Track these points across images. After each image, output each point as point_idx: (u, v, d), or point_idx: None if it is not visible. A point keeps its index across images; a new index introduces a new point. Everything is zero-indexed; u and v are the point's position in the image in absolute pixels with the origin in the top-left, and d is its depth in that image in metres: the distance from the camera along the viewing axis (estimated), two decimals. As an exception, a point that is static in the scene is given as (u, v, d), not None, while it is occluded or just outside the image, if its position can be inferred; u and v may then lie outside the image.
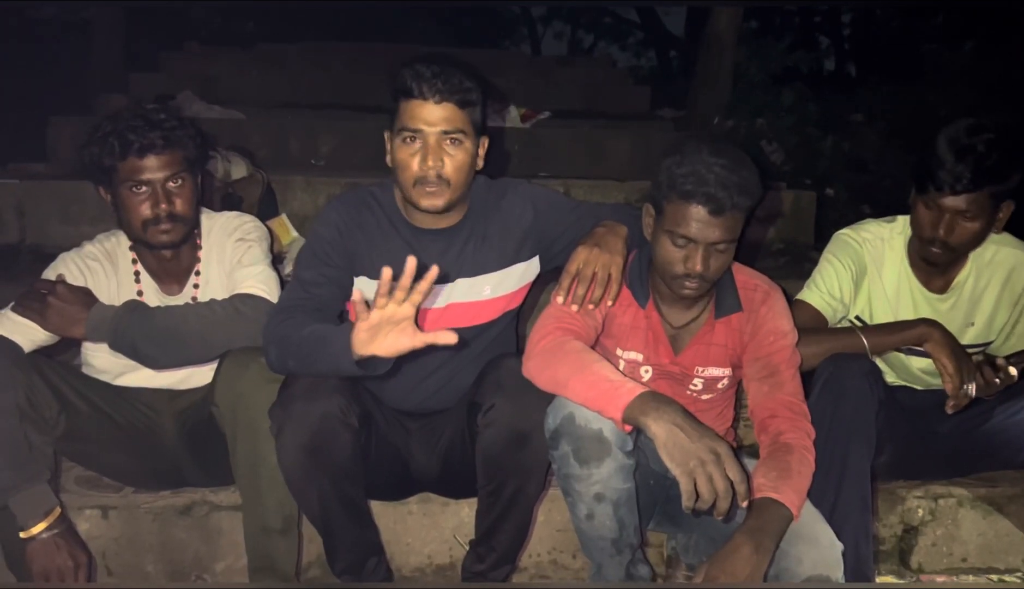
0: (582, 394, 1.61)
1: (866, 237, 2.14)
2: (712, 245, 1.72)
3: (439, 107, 1.77)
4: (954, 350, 1.91)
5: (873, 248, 2.13)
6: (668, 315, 1.90)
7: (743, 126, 5.16)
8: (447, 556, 2.15)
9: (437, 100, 1.76)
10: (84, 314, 1.87)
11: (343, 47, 6.76)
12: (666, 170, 1.73)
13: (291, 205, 3.49)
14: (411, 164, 1.79)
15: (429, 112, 1.77)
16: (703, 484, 1.47)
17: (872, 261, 2.12)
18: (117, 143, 1.87)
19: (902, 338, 1.99)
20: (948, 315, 2.10)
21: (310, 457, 1.70)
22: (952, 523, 2.24)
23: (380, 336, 1.57)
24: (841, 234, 2.17)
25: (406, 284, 1.53)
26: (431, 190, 1.79)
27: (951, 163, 1.89)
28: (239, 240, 2.05)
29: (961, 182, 1.89)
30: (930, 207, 1.96)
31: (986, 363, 1.93)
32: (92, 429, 1.96)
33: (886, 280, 2.12)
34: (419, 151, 1.78)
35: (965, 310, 2.13)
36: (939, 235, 1.96)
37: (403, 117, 1.79)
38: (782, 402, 1.81)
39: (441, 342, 1.56)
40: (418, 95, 1.76)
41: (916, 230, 2.03)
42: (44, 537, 1.81)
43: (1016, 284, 2.11)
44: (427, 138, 1.78)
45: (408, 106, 1.78)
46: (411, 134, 1.78)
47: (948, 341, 1.93)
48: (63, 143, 4.16)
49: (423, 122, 1.77)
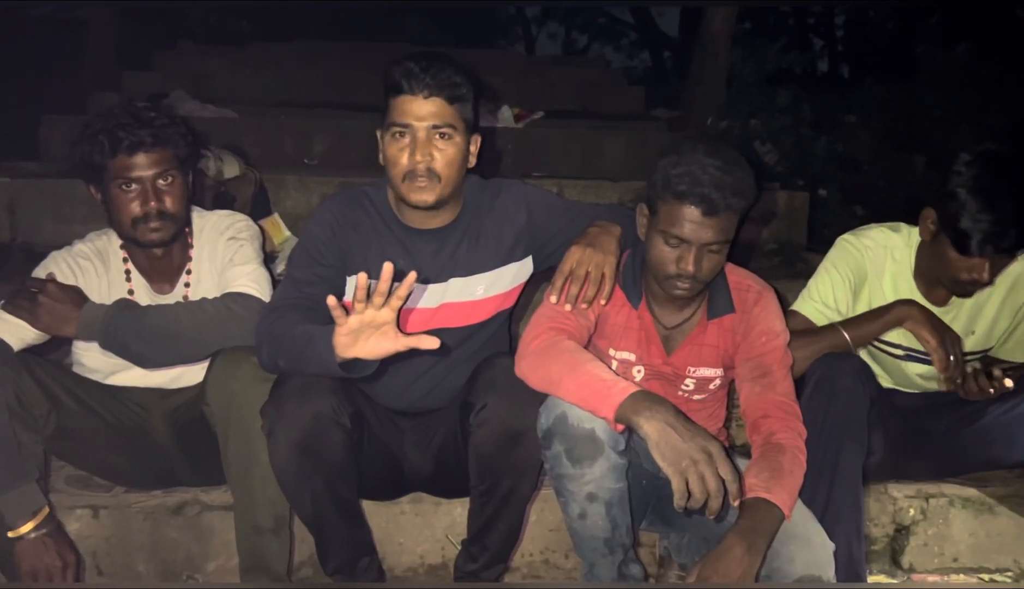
0: (575, 393, 1.61)
1: (868, 245, 2.11)
2: (705, 246, 1.72)
3: (428, 102, 1.76)
4: (935, 324, 1.92)
5: (875, 256, 2.10)
6: (661, 316, 1.90)
7: (737, 127, 5.16)
8: (440, 556, 2.14)
9: (426, 95, 1.76)
10: (75, 313, 1.86)
11: (337, 46, 6.75)
12: (661, 170, 1.73)
13: (284, 204, 3.48)
14: (400, 159, 1.79)
15: (418, 107, 1.76)
16: (695, 483, 1.47)
17: (873, 269, 2.10)
18: (107, 141, 1.86)
19: (883, 323, 2.00)
20: (950, 325, 2.08)
21: (302, 456, 1.70)
22: (943, 523, 2.25)
23: (362, 339, 1.58)
24: (843, 240, 2.14)
25: (384, 289, 1.54)
26: (421, 184, 1.79)
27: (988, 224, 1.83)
28: (231, 239, 2.05)
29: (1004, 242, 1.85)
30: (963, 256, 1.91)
31: (982, 372, 1.93)
32: (83, 428, 1.96)
33: (887, 289, 2.10)
34: (408, 146, 1.78)
35: (967, 320, 2.12)
36: (983, 278, 1.92)
37: (393, 113, 1.79)
38: (774, 402, 1.81)
39: (424, 346, 1.57)
40: (407, 90, 1.76)
41: (947, 271, 1.96)
42: (32, 537, 1.81)
43: (1019, 293, 2.10)
44: (416, 133, 1.77)
45: (398, 102, 1.78)
46: (400, 129, 1.78)
47: (927, 317, 1.94)
48: (56, 142, 4.15)
49: (412, 117, 1.77)
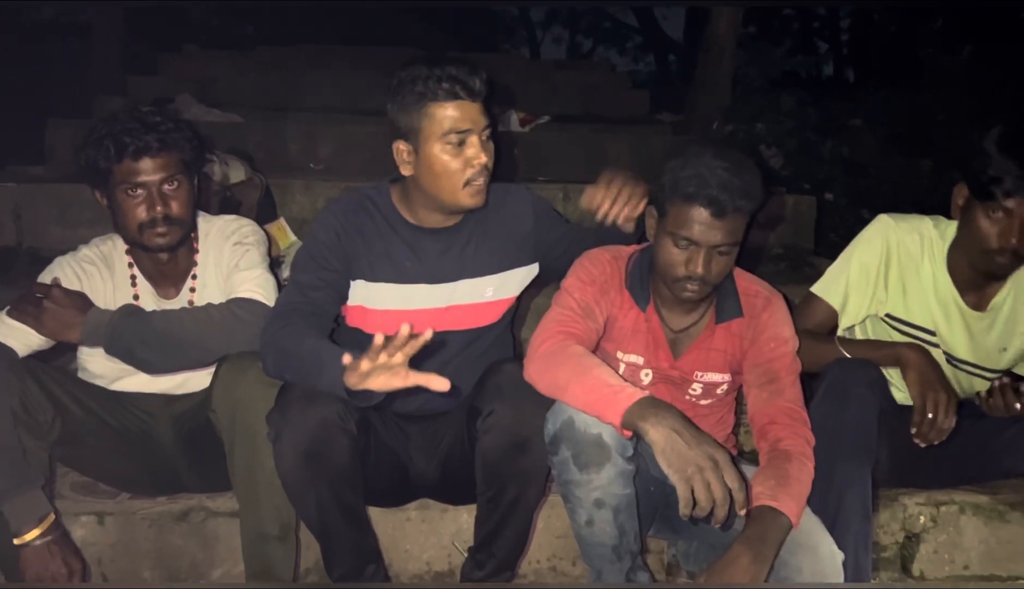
0: (582, 398, 1.60)
1: (905, 228, 2.06)
2: (714, 247, 1.71)
3: (475, 106, 1.78)
4: (928, 379, 1.85)
5: (911, 240, 2.05)
6: (668, 319, 1.89)
7: (742, 130, 5.15)
8: (446, 563, 2.13)
9: (473, 99, 1.77)
10: (80, 318, 1.85)
11: (342, 50, 6.77)
12: (669, 172, 1.73)
13: (290, 208, 3.48)
14: (463, 166, 1.78)
15: (472, 111, 1.77)
16: (700, 491, 1.46)
17: (908, 254, 2.05)
18: (112, 146, 1.86)
19: (883, 357, 1.95)
20: (983, 336, 2.06)
21: (308, 463, 1.69)
22: (954, 530, 2.23)
23: (372, 377, 1.56)
24: (881, 218, 2.08)
25: (400, 345, 1.50)
26: (479, 185, 1.81)
27: (1016, 167, 1.83)
28: (236, 244, 2.04)
29: None
30: (994, 215, 1.89)
31: (1009, 387, 1.87)
32: (88, 434, 1.95)
33: (924, 277, 2.05)
34: (467, 150, 1.78)
35: (1000, 332, 2.07)
36: (1011, 244, 1.88)
37: (444, 122, 1.76)
38: (782, 409, 1.80)
39: (434, 387, 1.54)
40: (459, 96, 1.76)
41: (978, 243, 1.93)
42: (38, 544, 1.79)
43: None
44: (478, 136, 1.78)
45: (445, 108, 1.76)
46: (461, 135, 1.77)
47: (925, 369, 1.87)
48: (61, 146, 4.16)
49: (470, 122, 1.77)
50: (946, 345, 2.08)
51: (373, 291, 1.90)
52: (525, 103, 5.09)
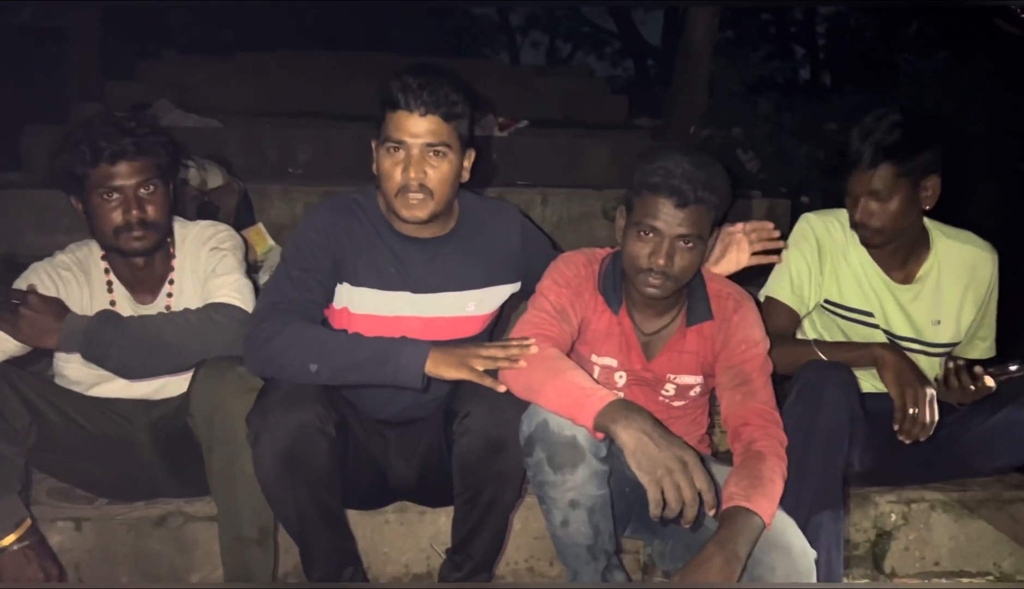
0: (555, 401, 1.62)
1: (828, 220, 2.20)
2: (677, 238, 1.75)
3: (424, 119, 1.78)
4: (904, 376, 1.88)
5: (835, 230, 2.19)
6: (640, 322, 1.92)
7: (719, 135, 5.19)
8: (424, 565, 2.14)
9: (422, 112, 1.77)
10: (56, 324, 1.84)
11: (321, 55, 6.75)
12: (637, 170, 1.78)
13: (268, 214, 3.48)
14: (394, 174, 1.80)
15: (414, 124, 1.78)
16: (670, 492, 1.49)
17: (834, 244, 2.18)
18: (88, 150, 1.86)
19: (856, 357, 1.99)
20: (912, 306, 2.14)
21: (287, 466, 1.70)
22: (924, 527, 2.27)
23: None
24: (804, 217, 2.24)
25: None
26: (413, 201, 1.81)
27: (856, 145, 2.00)
28: (213, 249, 2.04)
29: (864, 162, 1.98)
30: (850, 192, 2.06)
31: (964, 369, 1.91)
32: (65, 440, 1.95)
33: (852, 262, 2.17)
34: (402, 162, 1.79)
35: (930, 303, 2.15)
36: (857, 219, 2.05)
37: (388, 128, 1.80)
38: (755, 410, 1.82)
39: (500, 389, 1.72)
40: (404, 106, 1.77)
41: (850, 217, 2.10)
42: (14, 549, 1.79)
43: (980, 283, 2.15)
44: (410, 150, 1.79)
45: (394, 117, 1.79)
46: (395, 145, 1.79)
47: (900, 366, 1.90)
48: (38, 151, 4.12)
49: (407, 134, 1.78)
50: (886, 324, 2.16)
51: (356, 295, 1.90)
52: (504, 108, 5.12)
